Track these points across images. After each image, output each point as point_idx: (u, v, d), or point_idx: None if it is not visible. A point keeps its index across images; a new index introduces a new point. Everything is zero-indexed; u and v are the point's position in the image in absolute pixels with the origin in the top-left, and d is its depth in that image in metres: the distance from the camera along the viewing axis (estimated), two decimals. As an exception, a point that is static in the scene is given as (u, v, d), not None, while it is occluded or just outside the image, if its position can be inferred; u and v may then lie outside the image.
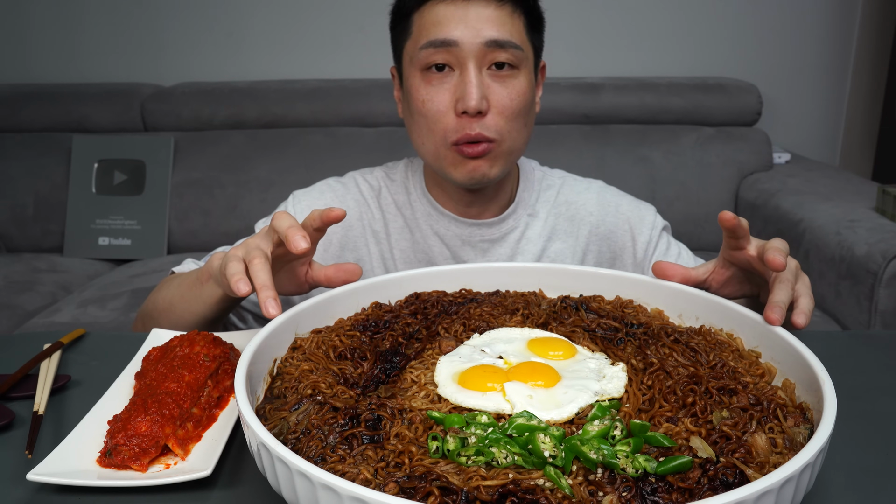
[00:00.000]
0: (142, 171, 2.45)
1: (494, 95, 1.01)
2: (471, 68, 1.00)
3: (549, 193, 1.19)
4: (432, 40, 1.00)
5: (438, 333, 0.74)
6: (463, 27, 0.99)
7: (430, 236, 1.15)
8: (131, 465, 0.63)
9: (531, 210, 1.17)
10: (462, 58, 1.00)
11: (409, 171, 1.19)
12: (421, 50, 1.01)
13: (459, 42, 0.99)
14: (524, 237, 1.16)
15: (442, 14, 1.00)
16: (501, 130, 1.02)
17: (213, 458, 0.64)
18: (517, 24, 1.02)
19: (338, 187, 1.19)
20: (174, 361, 0.73)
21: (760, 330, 0.70)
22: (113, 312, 1.97)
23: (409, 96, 1.06)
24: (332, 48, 2.78)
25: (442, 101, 1.02)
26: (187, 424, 0.68)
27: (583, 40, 2.74)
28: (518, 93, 1.02)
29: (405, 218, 1.17)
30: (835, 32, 2.75)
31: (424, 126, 1.04)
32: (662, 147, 2.44)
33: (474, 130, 1.01)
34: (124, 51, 2.80)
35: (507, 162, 1.06)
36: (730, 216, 0.75)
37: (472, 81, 0.99)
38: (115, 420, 0.67)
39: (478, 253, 1.15)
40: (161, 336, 0.85)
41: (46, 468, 0.61)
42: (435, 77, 1.02)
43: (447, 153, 1.04)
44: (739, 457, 0.52)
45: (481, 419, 0.57)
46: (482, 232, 1.15)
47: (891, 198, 1.90)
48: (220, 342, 0.78)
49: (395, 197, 1.18)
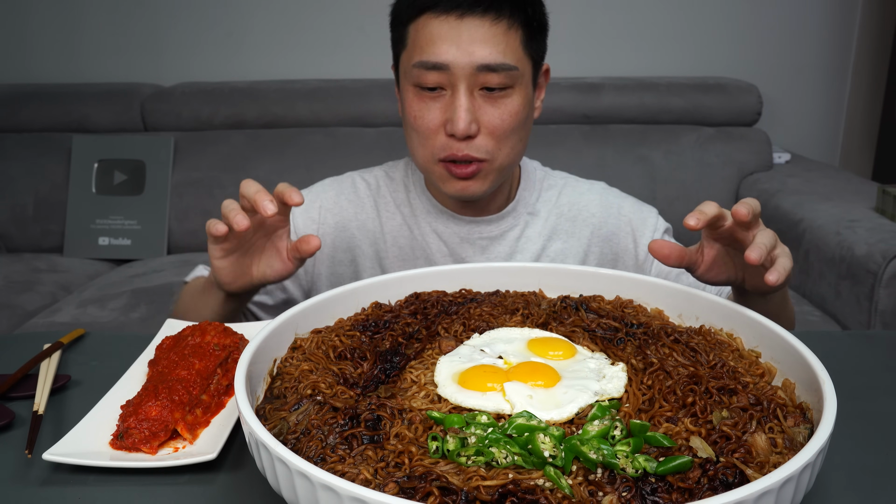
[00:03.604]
0: (142, 171, 2.45)
1: (485, 117, 1.00)
2: (461, 92, 0.99)
3: (550, 193, 1.19)
4: (424, 61, 0.99)
5: (438, 333, 0.74)
6: (455, 49, 0.98)
7: (428, 234, 1.15)
8: (142, 448, 0.66)
9: (531, 209, 1.17)
10: (453, 80, 0.99)
11: (409, 170, 1.19)
12: (413, 67, 1.01)
13: (451, 65, 0.98)
14: (524, 236, 1.16)
15: (436, 32, 0.99)
16: (492, 150, 1.02)
17: (220, 443, 0.66)
18: (513, 40, 1.00)
19: (334, 187, 1.20)
20: (186, 350, 0.76)
21: (760, 330, 0.70)
22: (113, 312, 1.97)
23: (404, 107, 1.06)
24: (332, 48, 2.78)
25: (432, 119, 1.01)
26: (196, 410, 0.70)
27: (583, 40, 2.74)
28: (510, 113, 1.01)
29: (403, 215, 1.17)
30: (835, 32, 2.75)
31: (416, 139, 1.05)
32: (662, 147, 2.43)
33: (462, 152, 1.01)
34: (124, 51, 2.80)
35: (500, 177, 1.07)
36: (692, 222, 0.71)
37: (462, 105, 0.98)
38: (128, 405, 0.70)
39: (476, 251, 1.15)
40: (174, 326, 0.89)
41: (62, 449, 0.65)
42: (427, 95, 1.02)
43: (436, 168, 1.04)
44: (739, 457, 0.52)
45: (481, 419, 0.57)
46: (481, 229, 1.14)
47: (891, 198, 1.90)
48: (230, 332, 0.80)
49: (395, 195, 1.18)
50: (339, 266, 1.17)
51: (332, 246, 1.16)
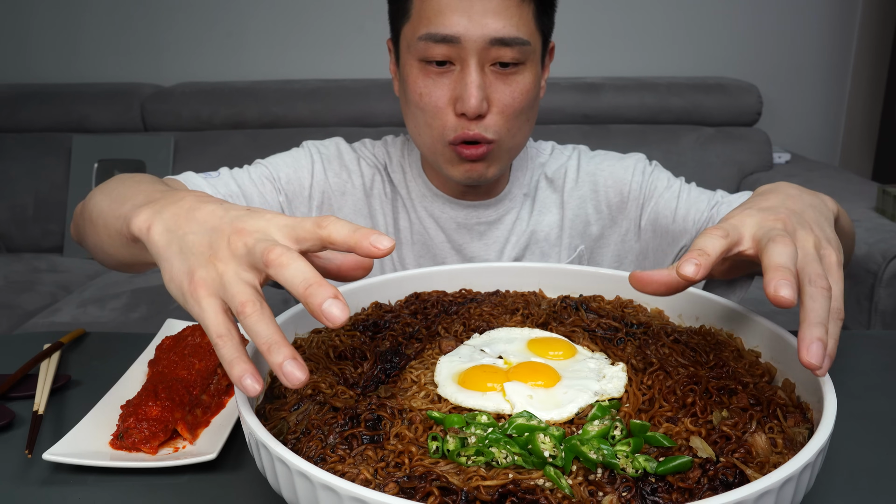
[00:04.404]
0: (142, 171, 2.45)
1: (496, 94, 0.95)
2: (472, 67, 0.93)
3: (539, 171, 1.15)
4: (432, 33, 0.92)
5: (438, 333, 0.74)
6: (466, 20, 0.91)
7: (425, 218, 1.11)
8: (142, 448, 0.66)
9: (527, 189, 1.13)
10: (463, 54, 0.93)
11: (406, 150, 1.13)
12: (419, 40, 0.94)
13: (461, 38, 0.92)
14: (520, 218, 1.12)
15: (444, 2, 0.92)
16: (501, 130, 0.97)
17: (220, 443, 0.66)
18: (526, 13, 0.94)
19: (350, 151, 1.14)
20: (186, 350, 0.76)
21: (760, 330, 0.70)
22: (113, 312, 1.97)
23: (406, 84, 0.99)
24: (332, 48, 2.79)
25: (440, 96, 0.95)
26: (196, 410, 0.71)
27: (583, 40, 2.74)
28: (522, 91, 0.96)
29: (402, 198, 1.12)
30: (835, 32, 2.75)
31: (421, 119, 0.98)
32: (662, 147, 2.44)
33: (473, 131, 0.95)
34: (124, 51, 2.80)
35: (507, 160, 1.03)
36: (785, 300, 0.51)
37: (474, 82, 0.93)
38: (128, 405, 0.70)
39: (474, 236, 1.11)
40: (174, 326, 0.89)
41: (62, 449, 0.65)
42: (434, 71, 0.95)
43: (444, 150, 0.99)
44: (739, 457, 0.52)
45: (481, 419, 0.57)
46: (479, 214, 1.10)
47: (891, 198, 1.90)
48: None
49: (393, 175, 1.13)
50: None
51: (353, 210, 1.11)
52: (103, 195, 0.76)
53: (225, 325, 0.51)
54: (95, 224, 0.76)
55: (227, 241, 0.53)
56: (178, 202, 0.59)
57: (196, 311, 0.52)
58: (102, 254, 0.81)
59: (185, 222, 0.56)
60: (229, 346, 0.51)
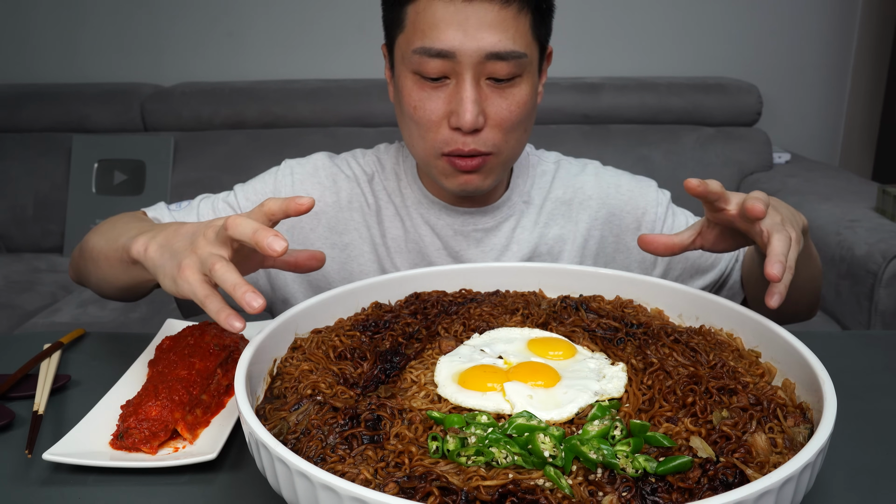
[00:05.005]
0: (142, 171, 2.45)
1: (492, 108, 0.93)
2: (467, 82, 0.91)
3: (544, 180, 1.13)
4: (426, 47, 0.91)
5: (438, 333, 0.74)
6: (461, 34, 0.89)
7: (420, 225, 1.09)
8: (142, 448, 0.67)
9: (526, 197, 1.11)
10: (458, 69, 0.91)
11: (401, 157, 1.12)
12: (413, 53, 0.92)
13: (457, 53, 0.90)
14: (519, 226, 1.11)
15: (440, 15, 0.90)
16: (498, 143, 0.96)
17: (220, 443, 0.66)
18: (522, 24, 0.93)
19: (330, 166, 1.12)
20: (185, 350, 0.76)
21: (760, 330, 0.70)
22: (113, 312, 1.97)
23: (401, 95, 0.98)
24: (332, 48, 2.78)
25: (435, 110, 0.94)
26: (196, 410, 0.71)
27: (583, 40, 2.74)
28: (519, 103, 0.94)
29: (395, 206, 1.10)
30: (835, 32, 2.75)
31: (416, 131, 0.97)
32: (662, 147, 2.44)
33: (468, 146, 0.94)
34: (124, 51, 2.80)
35: (503, 170, 1.01)
36: (694, 183, 0.70)
37: (469, 97, 0.91)
38: (128, 405, 0.70)
39: (471, 243, 1.09)
40: (174, 326, 0.89)
41: (62, 449, 0.65)
42: (428, 84, 0.94)
43: (438, 163, 0.98)
44: (739, 457, 0.52)
45: (481, 419, 0.57)
46: (475, 221, 1.09)
47: (891, 198, 1.90)
48: (230, 332, 0.80)
49: (386, 184, 1.11)
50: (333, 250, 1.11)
51: (327, 227, 1.10)
52: (98, 236, 0.91)
53: (208, 288, 0.66)
54: (97, 260, 0.89)
55: (202, 235, 0.69)
56: (166, 228, 0.75)
57: (186, 288, 0.66)
58: (104, 284, 0.92)
59: (174, 237, 0.72)
60: (214, 302, 0.65)
